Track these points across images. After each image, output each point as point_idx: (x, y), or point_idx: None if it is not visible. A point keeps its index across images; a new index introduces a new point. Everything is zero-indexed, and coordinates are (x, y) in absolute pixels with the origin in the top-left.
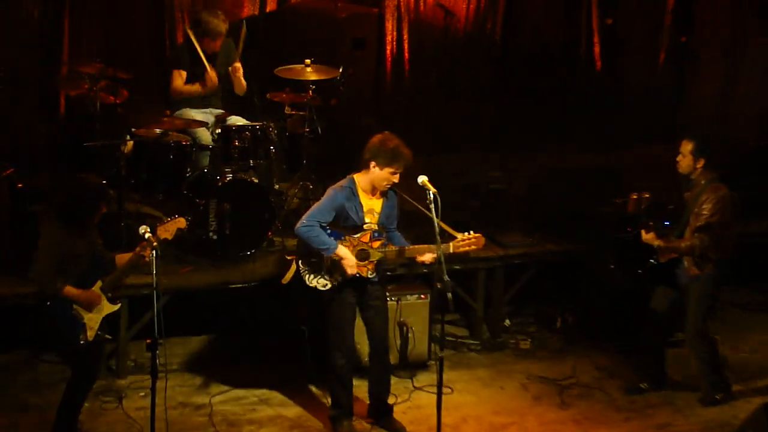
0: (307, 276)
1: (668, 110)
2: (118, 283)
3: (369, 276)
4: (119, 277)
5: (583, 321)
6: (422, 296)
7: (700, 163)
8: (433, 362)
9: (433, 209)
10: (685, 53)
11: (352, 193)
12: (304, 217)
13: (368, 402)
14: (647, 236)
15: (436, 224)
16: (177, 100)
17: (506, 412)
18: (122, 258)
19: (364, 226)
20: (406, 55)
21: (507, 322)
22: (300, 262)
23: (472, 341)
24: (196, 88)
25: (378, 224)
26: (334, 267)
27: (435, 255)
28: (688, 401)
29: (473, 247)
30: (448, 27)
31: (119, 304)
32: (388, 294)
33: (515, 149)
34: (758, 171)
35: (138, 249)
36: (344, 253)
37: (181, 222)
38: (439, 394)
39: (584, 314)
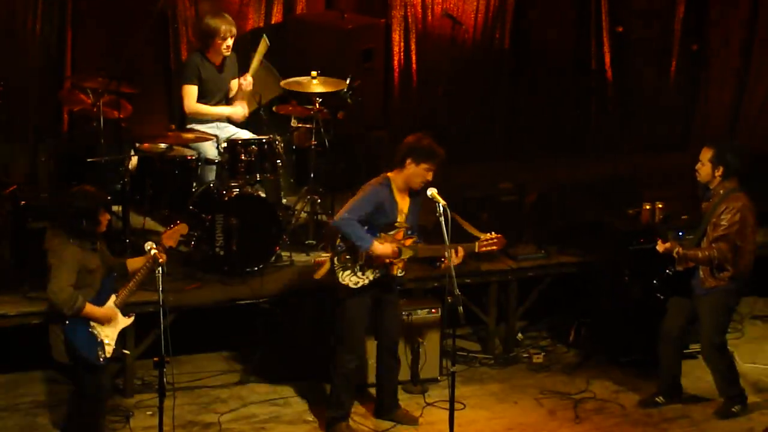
0: (340, 273)
1: (681, 119)
2: (130, 297)
3: (399, 274)
4: (132, 290)
5: (598, 334)
6: (433, 311)
7: (719, 171)
8: (444, 377)
9: (443, 222)
10: (697, 61)
11: (389, 190)
12: (343, 210)
13: (375, 401)
14: (665, 245)
15: (446, 237)
16: (186, 116)
17: (520, 427)
18: (133, 262)
19: (396, 224)
20: (414, 66)
21: (520, 336)
22: (336, 258)
23: (484, 356)
24: (220, 111)
25: (407, 223)
26: (368, 264)
27: (464, 251)
28: (704, 414)
29: (495, 247)
30: (456, 37)
31: (133, 318)
32: None
33: (526, 160)
34: None
35: (149, 255)
36: (382, 249)
37: (183, 228)
38: (452, 410)
39: (598, 327)
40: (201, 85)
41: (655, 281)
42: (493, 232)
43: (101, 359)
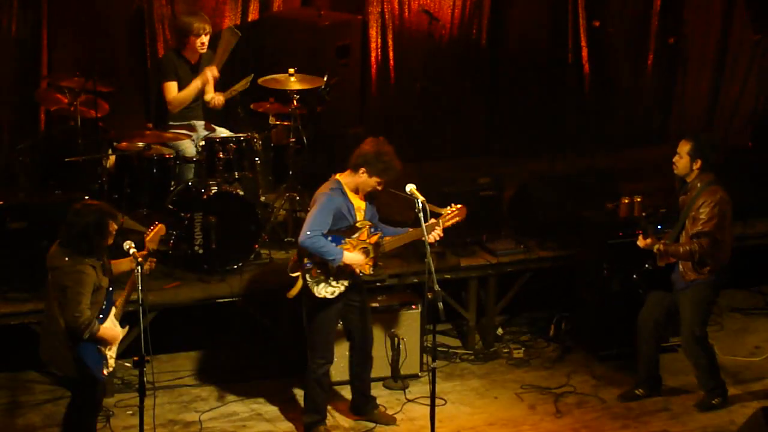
0: (315, 288)
1: (658, 112)
2: (126, 306)
3: (370, 272)
4: (128, 299)
5: (577, 328)
6: (413, 306)
7: (697, 164)
8: (425, 373)
9: (422, 217)
10: (674, 55)
11: (343, 193)
12: (305, 228)
13: (351, 400)
14: (646, 241)
15: (425, 233)
16: (163, 115)
17: (501, 422)
18: (117, 264)
19: (357, 224)
20: (392, 62)
21: (500, 331)
22: (307, 275)
23: (464, 351)
24: (194, 85)
25: (366, 220)
26: (339, 273)
27: (440, 229)
28: (684, 407)
29: (458, 218)
30: (433, 33)
31: (127, 328)
32: (378, 305)
33: (504, 155)
34: (750, 173)
35: (133, 258)
36: (351, 258)
37: (162, 229)
38: (433, 406)
39: (578, 321)
40: (178, 82)
41: (635, 276)
42: (452, 204)
43: (105, 374)
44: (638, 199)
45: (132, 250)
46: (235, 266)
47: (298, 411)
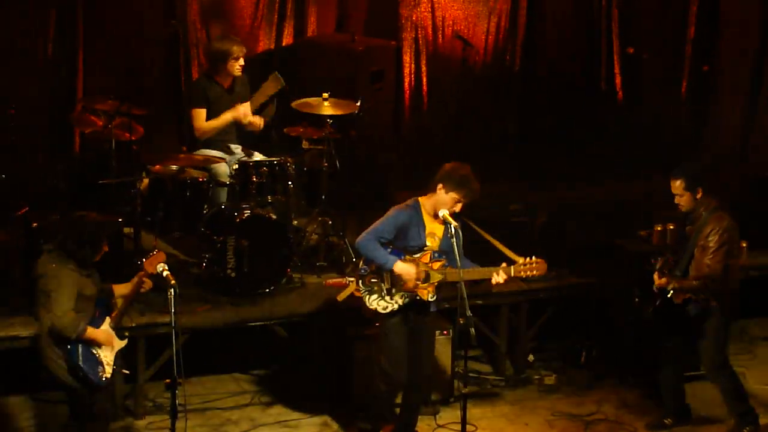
0: (367, 297)
1: (691, 140)
2: (122, 318)
3: (429, 299)
4: (123, 312)
5: (609, 355)
6: (444, 332)
7: (699, 194)
8: (456, 399)
9: (455, 243)
10: (708, 82)
11: (417, 213)
12: (365, 232)
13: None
14: (661, 281)
15: (458, 258)
16: (197, 139)
17: None
18: (119, 288)
19: (425, 248)
20: (425, 87)
21: (531, 357)
22: (360, 281)
23: (495, 377)
24: (224, 118)
25: (438, 248)
26: (395, 287)
27: (505, 275)
28: None
29: (536, 272)
30: (466, 59)
31: (126, 340)
32: None
33: (537, 181)
34: None
35: (136, 280)
36: (403, 267)
37: (161, 256)
38: None
39: (609, 349)
40: (209, 106)
41: (650, 309)
42: (533, 256)
43: (103, 379)
44: (671, 227)
45: (165, 273)
46: (267, 290)
47: None
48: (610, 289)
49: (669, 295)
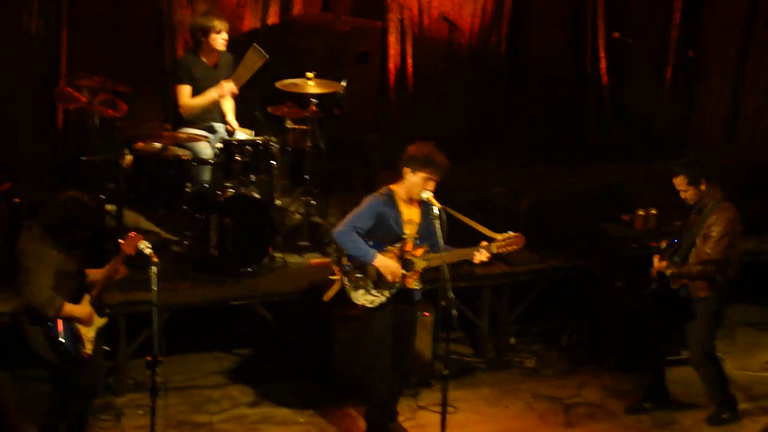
0: (353, 292)
1: (677, 125)
2: (102, 298)
3: (415, 287)
4: (102, 291)
5: (590, 339)
6: (426, 314)
7: (703, 186)
8: (437, 381)
9: (438, 225)
10: (693, 67)
11: (392, 201)
12: (341, 222)
13: None
14: (661, 264)
15: (440, 240)
16: (181, 116)
17: (511, 431)
18: (93, 273)
19: (404, 236)
20: (410, 69)
21: (512, 340)
22: (345, 278)
23: (476, 360)
24: (209, 95)
25: (418, 234)
26: (381, 281)
27: (486, 253)
28: (695, 420)
29: (514, 247)
30: (452, 41)
31: (107, 317)
32: None
33: (521, 164)
34: None
35: (113, 262)
36: (385, 263)
37: (138, 237)
38: (444, 414)
39: (591, 332)
40: (195, 84)
41: (644, 293)
42: (510, 232)
43: (83, 355)
44: (654, 212)
45: (148, 251)
46: (249, 269)
47: (309, 414)
48: (593, 272)
49: (667, 280)
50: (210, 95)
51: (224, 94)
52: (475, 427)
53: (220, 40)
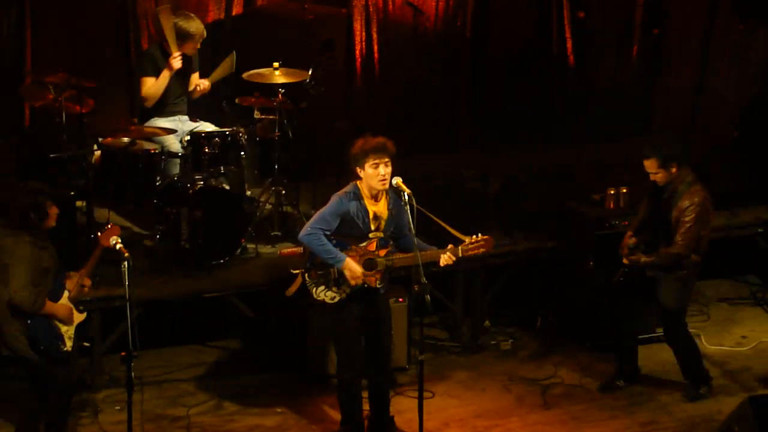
0: (314, 289)
1: (643, 103)
2: (81, 294)
3: (377, 285)
4: (80, 283)
5: (564, 320)
6: (400, 299)
7: (674, 168)
8: (413, 366)
9: (409, 210)
10: (658, 46)
11: (357, 198)
12: (307, 224)
13: (369, 418)
14: (632, 257)
15: (411, 225)
16: (148, 110)
17: (489, 414)
18: (71, 277)
19: (370, 235)
20: (376, 55)
21: (487, 323)
22: (306, 275)
23: (452, 344)
24: (163, 76)
25: (384, 230)
26: (341, 278)
27: (453, 257)
28: (672, 397)
29: (482, 250)
30: (417, 26)
31: (85, 314)
32: None
33: (489, 147)
34: (737, 162)
35: (92, 257)
36: (352, 267)
37: (116, 230)
38: (420, 399)
39: (565, 313)
40: (157, 78)
41: (614, 279)
42: (479, 234)
43: (64, 352)
44: (624, 191)
45: (119, 246)
46: (222, 261)
47: (286, 405)
48: (565, 253)
49: (625, 269)
50: (164, 75)
51: (174, 67)
52: (453, 411)
53: (192, 49)
